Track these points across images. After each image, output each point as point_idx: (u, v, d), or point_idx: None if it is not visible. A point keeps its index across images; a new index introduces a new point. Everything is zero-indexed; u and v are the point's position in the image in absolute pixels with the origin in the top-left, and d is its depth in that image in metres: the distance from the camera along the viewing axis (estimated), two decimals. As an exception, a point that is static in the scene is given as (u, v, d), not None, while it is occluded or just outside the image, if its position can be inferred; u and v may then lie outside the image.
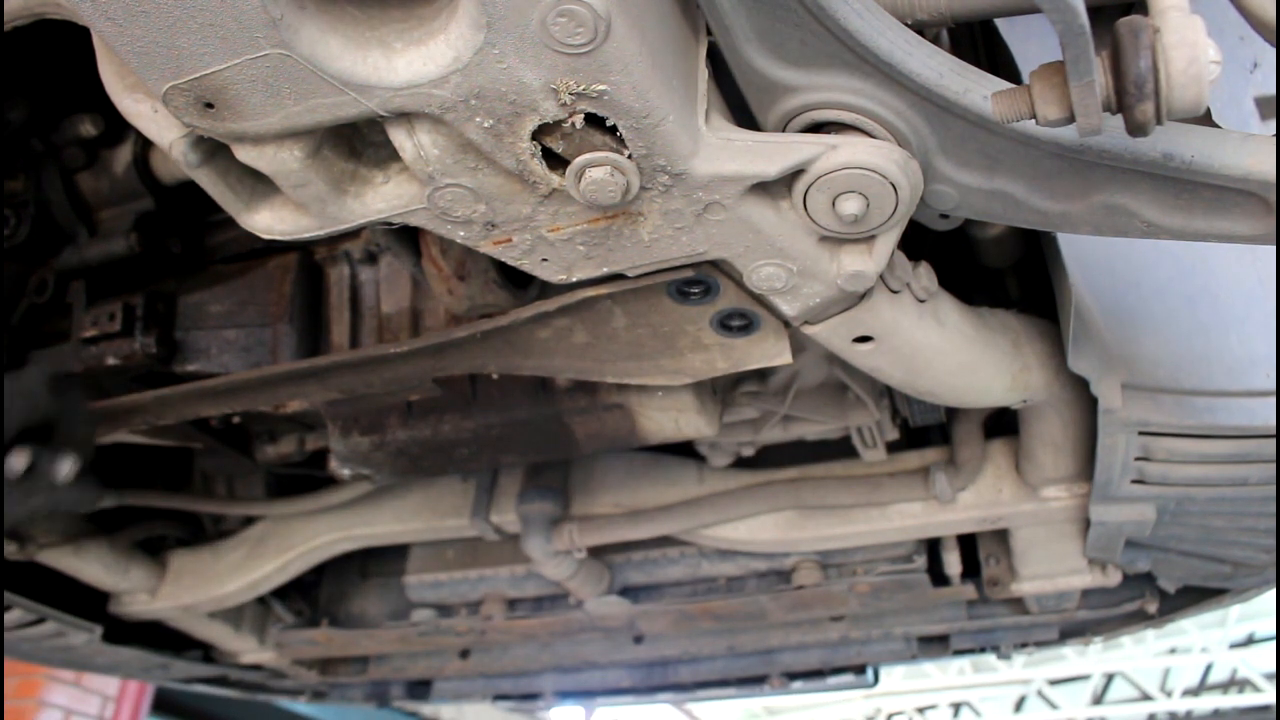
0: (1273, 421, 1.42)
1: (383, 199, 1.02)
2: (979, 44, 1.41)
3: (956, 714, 12.29)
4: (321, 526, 2.38)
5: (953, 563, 2.22)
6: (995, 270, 1.75)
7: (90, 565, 2.32)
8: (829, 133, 0.99)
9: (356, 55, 0.84)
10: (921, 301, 1.31)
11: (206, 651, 2.81)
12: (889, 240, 1.09)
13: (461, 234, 1.05)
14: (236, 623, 2.68)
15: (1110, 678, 11.21)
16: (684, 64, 0.93)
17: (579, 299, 1.23)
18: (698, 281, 1.18)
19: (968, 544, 2.27)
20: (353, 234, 1.70)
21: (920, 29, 1.01)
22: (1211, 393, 1.42)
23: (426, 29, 0.84)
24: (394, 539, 2.37)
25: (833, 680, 2.74)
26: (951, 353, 1.38)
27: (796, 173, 0.99)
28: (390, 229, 1.40)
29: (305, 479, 2.46)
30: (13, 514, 1.42)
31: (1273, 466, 1.53)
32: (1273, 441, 1.47)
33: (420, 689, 2.96)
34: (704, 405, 1.62)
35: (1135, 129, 0.80)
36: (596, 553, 2.31)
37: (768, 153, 0.97)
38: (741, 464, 2.14)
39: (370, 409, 1.69)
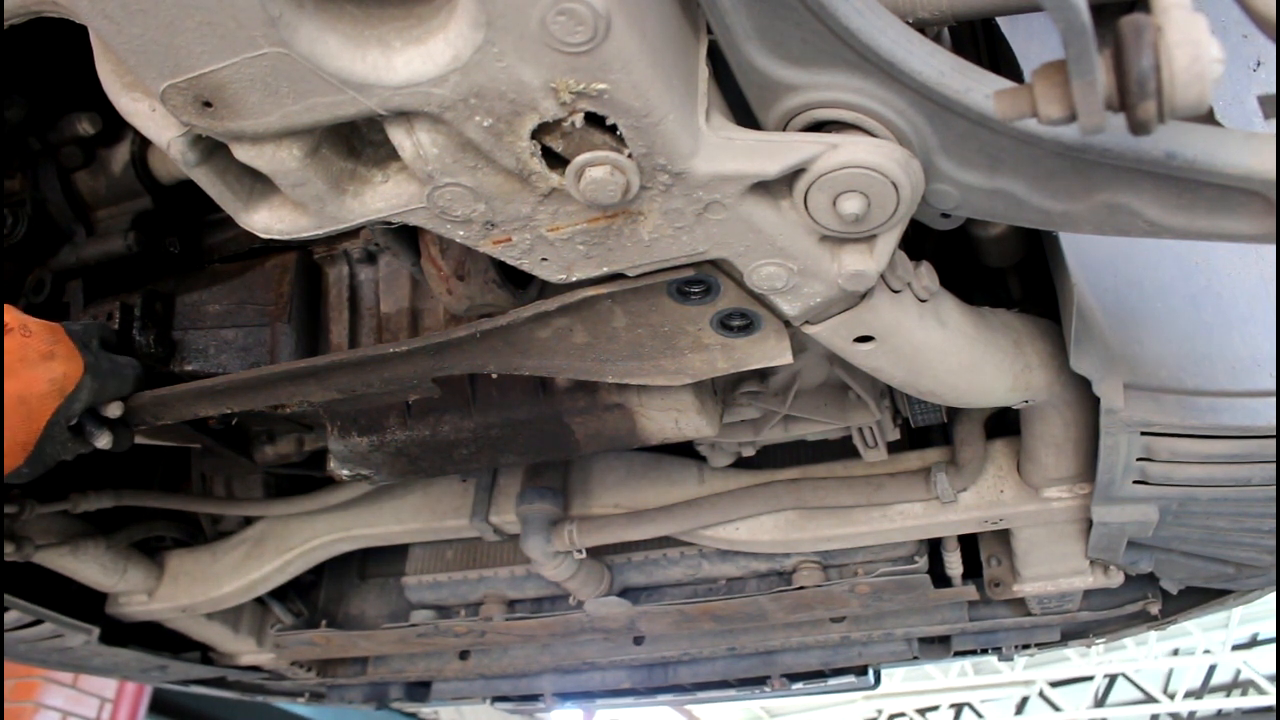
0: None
1: (382, 198, 1.02)
2: (980, 42, 1.41)
3: (958, 716, 12.27)
4: (320, 527, 2.37)
5: (954, 563, 2.21)
6: (997, 270, 1.74)
7: (87, 566, 2.31)
8: (830, 132, 0.99)
9: (355, 54, 0.84)
10: (923, 301, 1.30)
11: (204, 653, 2.80)
12: (890, 240, 1.08)
13: (461, 233, 1.05)
14: (235, 624, 2.68)
15: (1113, 679, 11.20)
16: (684, 63, 0.92)
17: (579, 299, 1.23)
18: (698, 281, 1.17)
19: (969, 545, 2.26)
20: (351, 233, 1.70)
21: (921, 27, 1.01)
22: (1214, 393, 1.42)
23: (426, 27, 0.84)
24: (393, 539, 2.36)
25: (834, 682, 2.73)
26: (953, 353, 1.37)
27: (797, 172, 0.99)
28: (389, 228, 1.40)
29: (304, 479, 2.46)
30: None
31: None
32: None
33: (419, 690, 2.96)
34: (704, 405, 1.62)
35: (1137, 128, 0.79)
36: (596, 553, 2.31)
37: (768, 152, 0.96)
38: (742, 464, 2.13)
39: (369, 409, 1.68)
